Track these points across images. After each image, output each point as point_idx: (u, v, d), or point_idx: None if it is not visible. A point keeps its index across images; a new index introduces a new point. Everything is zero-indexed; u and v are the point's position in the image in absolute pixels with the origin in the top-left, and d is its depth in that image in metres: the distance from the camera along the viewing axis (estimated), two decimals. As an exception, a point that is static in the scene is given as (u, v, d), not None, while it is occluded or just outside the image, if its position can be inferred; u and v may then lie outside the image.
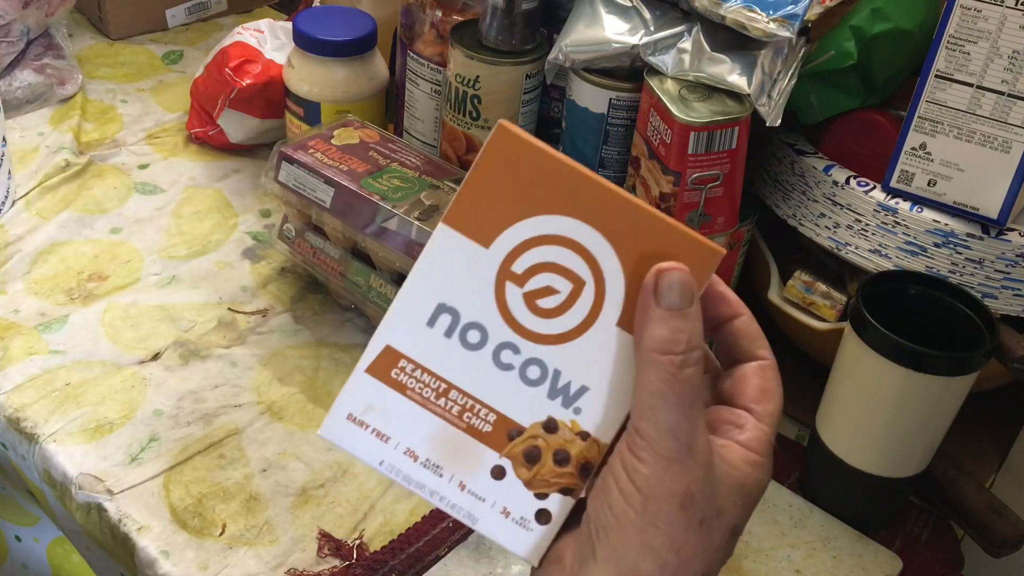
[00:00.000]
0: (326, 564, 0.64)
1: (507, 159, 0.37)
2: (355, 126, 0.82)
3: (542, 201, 0.37)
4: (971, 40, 0.63)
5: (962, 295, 0.65)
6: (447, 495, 0.39)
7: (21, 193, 0.91)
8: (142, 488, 0.67)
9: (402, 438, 0.39)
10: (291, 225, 0.82)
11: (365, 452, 0.40)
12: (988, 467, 0.78)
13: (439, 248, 0.38)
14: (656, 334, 0.36)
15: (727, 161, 0.65)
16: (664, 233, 0.37)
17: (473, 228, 0.38)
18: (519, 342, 0.38)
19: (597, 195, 0.37)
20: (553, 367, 0.38)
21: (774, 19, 0.64)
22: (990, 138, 0.65)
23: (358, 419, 0.39)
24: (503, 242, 0.38)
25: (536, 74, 0.76)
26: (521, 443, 0.39)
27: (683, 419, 0.36)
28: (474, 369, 0.38)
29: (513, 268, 0.38)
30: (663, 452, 0.36)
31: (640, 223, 0.37)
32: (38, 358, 0.75)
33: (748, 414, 0.39)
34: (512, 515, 0.39)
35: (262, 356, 0.78)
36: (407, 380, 0.39)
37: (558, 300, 0.38)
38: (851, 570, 0.66)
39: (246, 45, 0.96)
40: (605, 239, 0.37)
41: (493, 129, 0.37)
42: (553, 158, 0.37)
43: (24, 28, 1.01)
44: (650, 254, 0.37)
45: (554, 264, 0.38)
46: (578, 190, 0.37)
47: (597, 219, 0.37)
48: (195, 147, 1.00)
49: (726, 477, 0.38)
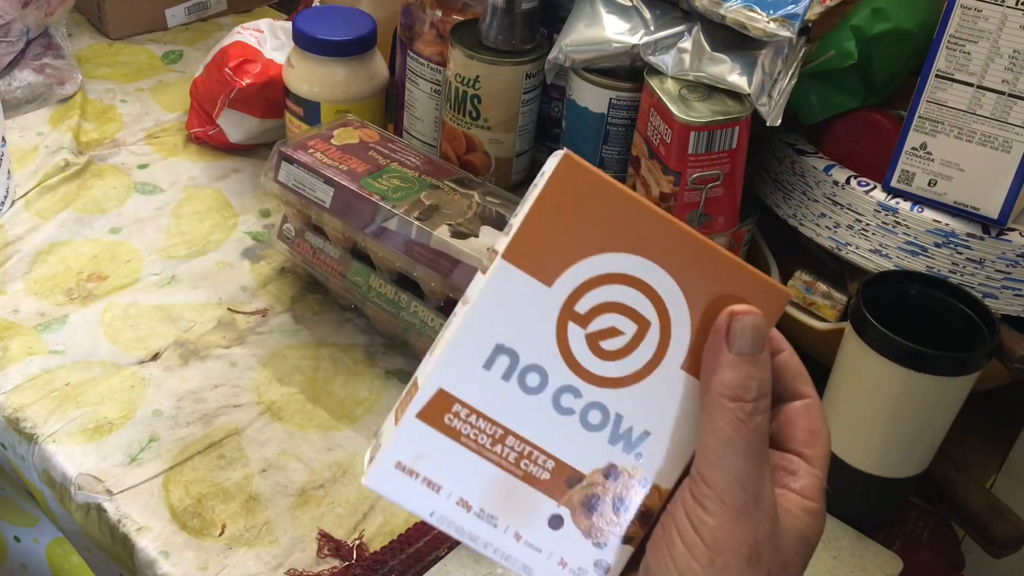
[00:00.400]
0: (326, 564, 0.64)
1: (571, 192, 0.35)
2: (355, 126, 0.82)
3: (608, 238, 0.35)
4: (971, 40, 0.63)
5: (962, 295, 0.65)
6: (501, 546, 0.37)
7: (20, 193, 0.91)
8: (141, 488, 0.67)
9: (455, 487, 0.37)
10: (291, 225, 0.82)
11: (415, 503, 0.37)
12: (989, 467, 0.78)
13: (499, 285, 0.36)
14: (727, 379, 0.35)
15: (727, 161, 0.65)
16: (734, 274, 0.36)
17: (535, 265, 0.35)
18: (580, 385, 0.36)
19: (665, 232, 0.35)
20: (615, 411, 0.37)
21: (774, 19, 0.64)
22: (991, 138, 0.65)
23: (408, 468, 0.37)
24: (566, 280, 0.36)
25: (536, 74, 0.76)
26: (580, 491, 0.37)
27: (752, 468, 0.35)
28: (533, 414, 0.36)
29: (576, 308, 0.36)
30: (731, 503, 0.35)
31: (709, 263, 0.35)
32: (37, 358, 0.75)
33: (800, 459, 0.38)
34: (569, 565, 0.38)
35: (262, 356, 0.78)
36: (461, 426, 0.36)
37: (622, 342, 0.36)
38: (851, 570, 0.66)
39: (246, 45, 0.95)
40: (672, 279, 0.35)
41: (557, 159, 0.35)
42: (620, 192, 0.35)
43: (24, 28, 1.01)
44: (719, 295, 0.36)
45: (619, 304, 0.36)
46: (645, 226, 0.35)
47: (664, 257, 0.35)
48: (195, 147, 1.00)
49: (790, 529, 0.36)
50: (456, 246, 0.70)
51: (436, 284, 0.72)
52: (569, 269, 0.35)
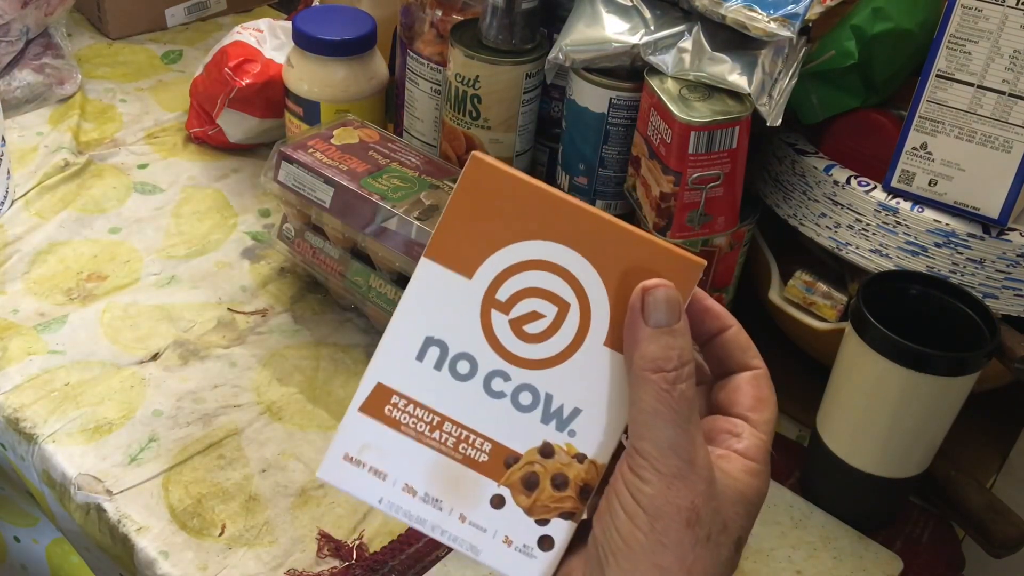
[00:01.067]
0: (326, 565, 0.64)
1: (483, 189, 0.38)
2: (355, 126, 0.82)
3: (521, 228, 0.37)
4: (972, 40, 0.63)
5: (963, 295, 0.65)
6: (448, 528, 0.39)
7: (20, 193, 0.91)
8: (141, 488, 0.67)
9: (400, 474, 0.39)
10: (291, 225, 0.81)
11: (364, 491, 0.40)
12: (989, 467, 0.78)
13: (423, 282, 0.38)
14: (647, 353, 0.37)
15: (727, 161, 0.65)
16: (644, 249, 0.37)
17: (454, 259, 0.38)
18: (509, 369, 0.38)
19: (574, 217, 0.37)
20: (545, 391, 0.38)
21: (775, 19, 0.64)
22: (991, 138, 0.65)
23: (355, 459, 0.39)
24: (485, 271, 0.38)
25: (536, 74, 0.76)
26: (518, 470, 0.39)
27: (682, 435, 0.36)
28: (466, 400, 0.39)
29: (497, 296, 0.38)
30: (665, 469, 0.36)
31: (619, 241, 0.37)
32: (37, 358, 0.75)
33: (744, 423, 0.39)
34: (515, 543, 0.39)
35: (261, 356, 0.78)
36: (400, 416, 0.39)
37: (544, 324, 0.38)
38: (852, 571, 0.66)
39: (245, 44, 0.95)
40: (586, 260, 0.37)
41: (467, 161, 0.38)
42: (528, 184, 0.37)
43: (23, 27, 1.01)
44: (632, 271, 0.37)
45: (538, 289, 0.38)
46: (555, 214, 0.37)
47: (576, 241, 0.37)
48: (194, 147, 1.00)
49: (728, 489, 0.37)
50: (456, 246, 0.70)
51: (436, 284, 0.72)
52: (487, 260, 0.38)
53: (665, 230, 0.67)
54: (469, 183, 0.38)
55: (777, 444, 0.77)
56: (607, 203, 0.75)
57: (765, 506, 0.72)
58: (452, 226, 0.38)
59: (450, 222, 0.38)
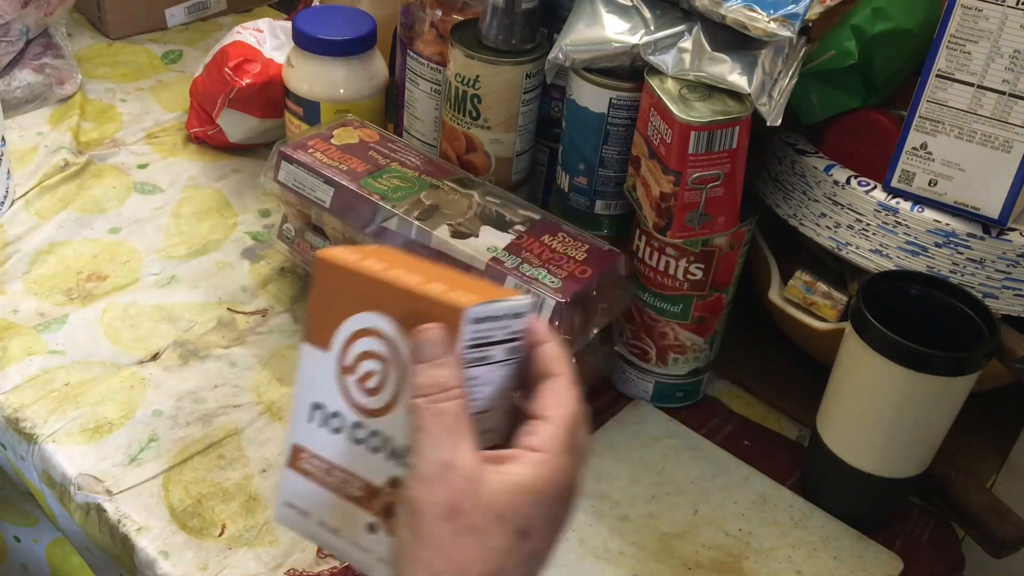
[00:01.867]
0: (326, 564, 0.64)
1: (327, 280, 0.47)
2: (355, 126, 0.82)
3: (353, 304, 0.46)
4: (972, 40, 0.63)
5: (963, 295, 0.65)
6: (349, 553, 0.47)
7: (20, 193, 0.91)
8: (141, 488, 0.67)
9: (315, 513, 0.48)
10: (291, 225, 0.81)
11: (301, 529, 0.48)
12: (989, 467, 0.78)
13: (304, 360, 0.47)
14: (415, 384, 0.42)
15: (727, 161, 0.65)
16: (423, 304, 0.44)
17: (318, 338, 0.47)
18: (362, 419, 0.46)
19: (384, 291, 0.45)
20: (385, 434, 0.45)
21: (775, 18, 0.64)
22: (991, 138, 0.65)
23: (291, 503, 0.48)
24: (336, 343, 0.46)
25: (536, 74, 0.76)
26: (380, 501, 0.45)
27: (439, 443, 0.41)
28: (341, 448, 0.46)
29: (345, 362, 0.46)
30: (424, 473, 0.41)
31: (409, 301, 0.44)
32: (37, 358, 0.75)
33: (542, 421, 0.43)
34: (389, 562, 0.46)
35: (261, 356, 0.78)
36: (309, 467, 0.47)
37: (377, 380, 0.45)
38: (852, 570, 0.66)
39: (245, 44, 0.95)
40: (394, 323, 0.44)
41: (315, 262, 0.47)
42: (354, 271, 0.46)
43: (23, 27, 1.01)
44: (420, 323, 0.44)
45: (369, 352, 0.45)
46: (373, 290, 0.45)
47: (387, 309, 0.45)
48: (194, 147, 1.00)
49: (503, 484, 0.41)
50: (456, 246, 0.70)
51: (436, 284, 0.72)
52: (336, 335, 0.46)
53: (665, 230, 0.67)
54: (318, 278, 0.47)
55: (777, 444, 0.77)
56: (607, 203, 0.75)
57: (765, 506, 0.72)
58: (313, 313, 0.47)
59: (312, 310, 0.47)
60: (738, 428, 0.78)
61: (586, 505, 0.69)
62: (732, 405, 0.80)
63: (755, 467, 0.73)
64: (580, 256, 0.70)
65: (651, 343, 0.75)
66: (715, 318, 0.74)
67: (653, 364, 0.76)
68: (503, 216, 0.73)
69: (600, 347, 0.75)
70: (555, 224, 0.73)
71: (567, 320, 0.66)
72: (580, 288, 0.67)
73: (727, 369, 0.82)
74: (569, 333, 0.67)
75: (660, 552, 0.66)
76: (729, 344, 0.78)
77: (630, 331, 0.76)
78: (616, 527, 0.68)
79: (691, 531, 0.68)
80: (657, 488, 0.71)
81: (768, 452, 0.75)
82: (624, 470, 0.72)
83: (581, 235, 0.72)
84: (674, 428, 0.76)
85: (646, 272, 0.72)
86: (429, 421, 0.42)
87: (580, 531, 0.67)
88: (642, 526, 0.68)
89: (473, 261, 0.69)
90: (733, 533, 0.68)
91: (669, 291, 0.72)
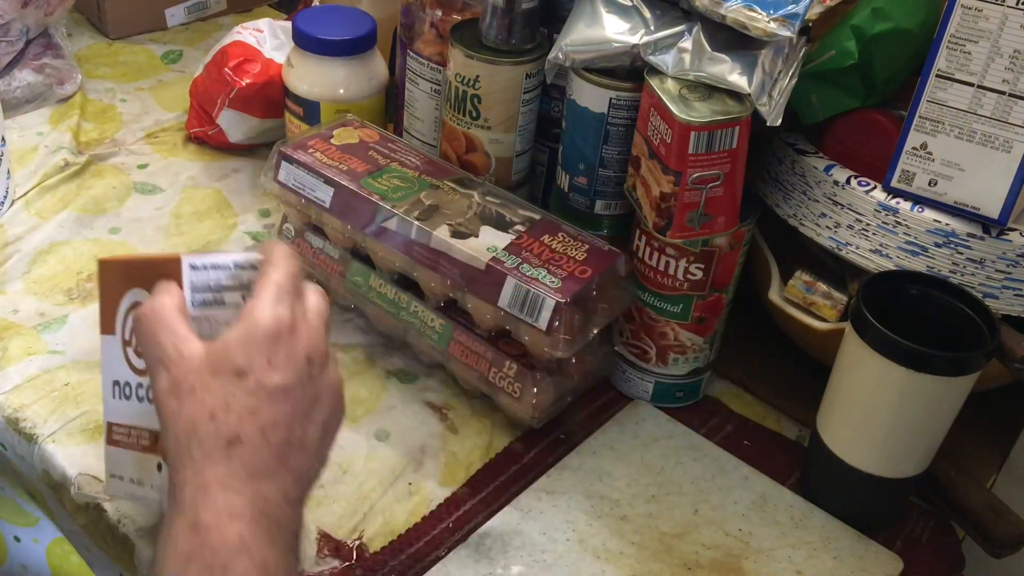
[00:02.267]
0: (326, 565, 0.64)
1: (104, 276, 0.57)
2: (355, 126, 0.82)
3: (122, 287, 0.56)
4: (972, 40, 0.63)
5: (963, 295, 0.65)
6: (148, 496, 0.56)
7: (20, 193, 0.91)
8: (141, 488, 0.67)
9: (126, 473, 0.58)
10: (291, 225, 0.81)
11: (125, 494, 0.58)
12: (989, 467, 0.78)
13: (103, 348, 0.57)
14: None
15: (727, 161, 0.65)
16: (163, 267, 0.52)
17: (107, 326, 0.57)
18: (140, 380, 0.55)
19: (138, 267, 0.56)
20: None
21: (775, 18, 0.64)
22: (991, 138, 0.65)
23: (113, 474, 0.58)
24: (117, 324, 0.56)
25: (536, 74, 0.76)
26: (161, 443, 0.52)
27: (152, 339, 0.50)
28: (135, 410, 0.56)
29: (125, 337, 0.56)
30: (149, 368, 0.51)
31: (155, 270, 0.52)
32: (37, 358, 0.75)
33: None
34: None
35: (262, 356, 0.78)
36: (119, 437, 0.58)
37: None
38: (852, 571, 0.66)
39: (245, 44, 0.95)
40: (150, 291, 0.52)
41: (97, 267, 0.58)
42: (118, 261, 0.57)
43: (23, 27, 1.01)
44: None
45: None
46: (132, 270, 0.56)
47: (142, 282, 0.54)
48: (194, 147, 1.00)
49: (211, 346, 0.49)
50: (456, 246, 0.70)
51: (436, 284, 0.72)
52: (116, 318, 0.56)
53: (665, 230, 0.67)
54: (99, 277, 0.58)
55: (777, 444, 0.77)
56: (607, 203, 0.75)
57: (765, 505, 0.72)
58: (101, 307, 0.57)
59: (100, 305, 0.57)
60: (738, 428, 0.78)
61: (586, 505, 0.69)
62: (732, 405, 0.80)
63: (755, 467, 0.73)
64: (580, 256, 0.70)
65: (651, 343, 0.75)
66: (715, 318, 0.74)
67: (653, 364, 0.76)
68: (503, 216, 0.73)
69: (600, 347, 0.75)
70: (555, 224, 0.73)
71: (567, 320, 0.66)
72: (580, 288, 0.67)
73: (727, 369, 0.82)
74: (569, 333, 0.67)
75: (660, 552, 0.66)
76: (729, 344, 0.78)
77: (630, 331, 0.76)
78: (616, 527, 0.68)
79: (691, 531, 0.68)
80: (657, 488, 0.71)
81: (768, 452, 0.75)
82: (624, 470, 0.72)
83: (581, 235, 0.72)
84: (674, 428, 0.76)
85: (646, 272, 0.72)
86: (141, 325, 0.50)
87: (580, 531, 0.67)
88: (642, 526, 0.68)
89: (473, 261, 0.69)
90: (733, 533, 0.68)
91: (669, 291, 0.72)
